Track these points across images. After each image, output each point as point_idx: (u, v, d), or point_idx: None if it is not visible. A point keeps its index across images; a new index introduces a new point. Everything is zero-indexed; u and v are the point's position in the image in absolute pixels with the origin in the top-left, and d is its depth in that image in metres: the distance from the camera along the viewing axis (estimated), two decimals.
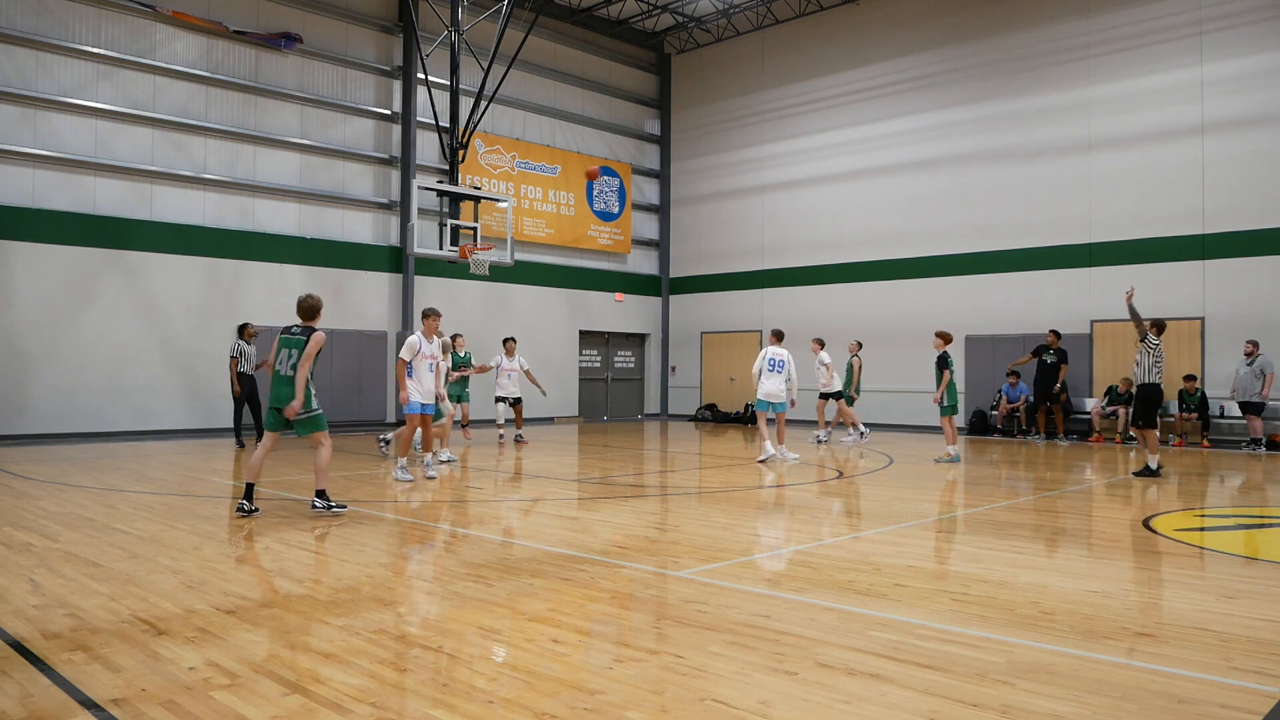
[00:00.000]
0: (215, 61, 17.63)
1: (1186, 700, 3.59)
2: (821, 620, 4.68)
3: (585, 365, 24.33)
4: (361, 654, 4.09)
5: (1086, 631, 4.51)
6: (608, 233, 24.42)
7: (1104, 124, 18.00)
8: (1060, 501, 9.33)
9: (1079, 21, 18.42)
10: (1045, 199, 18.75)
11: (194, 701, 3.48)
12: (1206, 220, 16.78)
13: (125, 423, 16.36)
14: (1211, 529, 8.06)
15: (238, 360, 14.56)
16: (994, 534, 7.41)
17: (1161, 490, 10.15)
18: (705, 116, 25.12)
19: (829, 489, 10.47)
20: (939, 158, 20.32)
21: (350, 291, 19.41)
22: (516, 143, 22.35)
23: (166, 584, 5.41)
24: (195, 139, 17.37)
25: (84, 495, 9.17)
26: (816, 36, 22.65)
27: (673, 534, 7.24)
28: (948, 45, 20.32)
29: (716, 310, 24.68)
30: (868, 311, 21.20)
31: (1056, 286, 18.56)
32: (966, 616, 4.77)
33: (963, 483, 11.17)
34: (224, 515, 8.26)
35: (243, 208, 18.00)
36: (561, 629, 4.53)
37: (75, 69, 16.01)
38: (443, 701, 3.51)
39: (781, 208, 23.30)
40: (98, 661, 3.95)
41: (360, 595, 5.18)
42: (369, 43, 20.00)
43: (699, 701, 3.53)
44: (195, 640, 4.27)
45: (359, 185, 19.79)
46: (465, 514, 8.39)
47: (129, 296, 16.46)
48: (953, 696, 3.58)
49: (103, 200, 16.25)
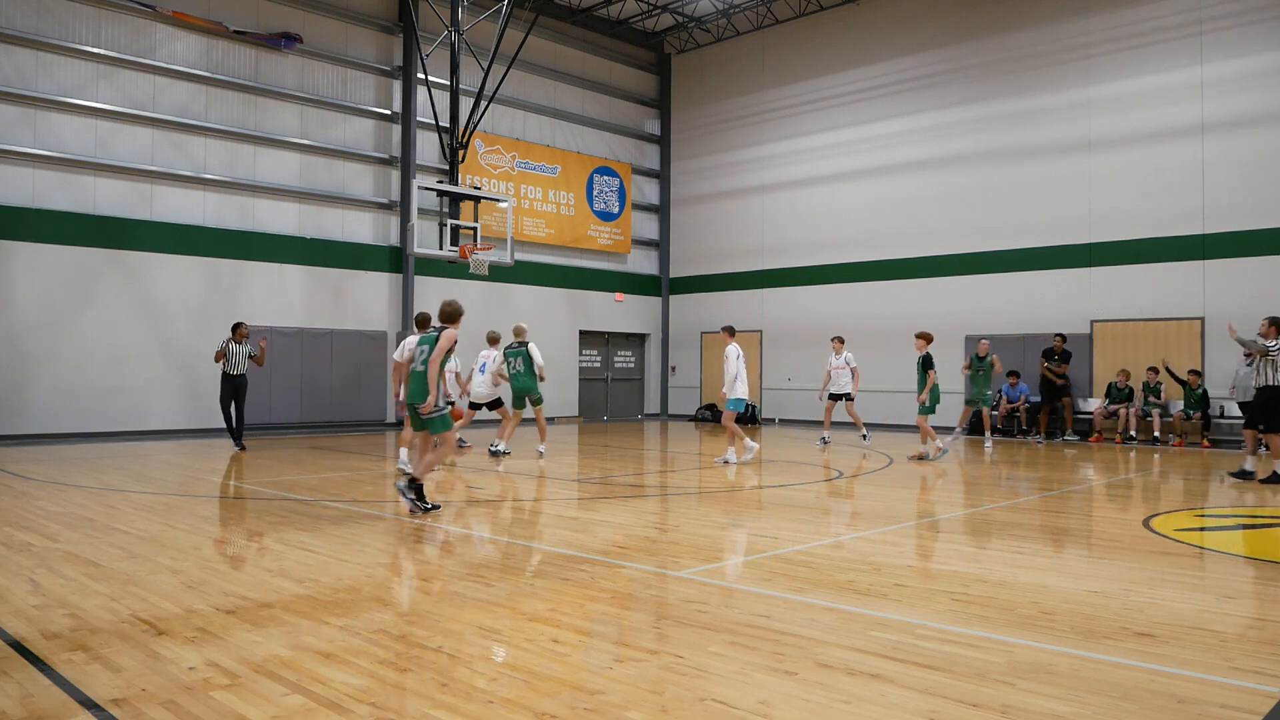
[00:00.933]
0: (215, 61, 17.63)
1: (1186, 700, 3.58)
2: (821, 620, 4.68)
3: (585, 365, 24.32)
4: (362, 654, 4.09)
5: (1086, 631, 4.51)
6: (608, 233, 24.42)
7: (1104, 124, 17.99)
8: (1060, 501, 9.33)
9: (1079, 21, 18.41)
10: (1045, 199, 18.74)
11: (194, 701, 3.49)
12: (1206, 220, 16.77)
13: (125, 423, 16.36)
14: (1212, 529, 8.06)
15: (224, 354, 14.02)
16: (994, 534, 7.40)
17: (1164, 490, 10.15)
18: (705, 116, 25.12)
19: (829, 489, 10.47)
20: (939, 158, 20.32)
21: (350, 292, 19.41)
22: (516, 143, 22.35)
23: (166, 584, 5.41)
24: (195, 139, 17.37)
25: (84, 495, 9.17)
26: (816, 36, 22.65)
27: (673, 534, 7.24)
28: (948, 45, 20.32)
29: (716, 310, 24.67)
30: (867, 311, 21.20)
31: (1056, 286, 18.56)
32: (966, 616, 4.77)
33: (962, 483, 11.17)
34: (224, 515, 8.27)
35: (243, 208, 17.99)
36: (561, 629, 4.53)
37: (75, 69, 16.01)
38: (443, 701, 3.51)
39: (781, 208, 23.30)
40: (98, 661, 3.95)
41: (360, 595, 5.18)
42: (369, 43, 20.00)
43: (699, 701, 3.53)
44: (195, 640, 4.27)
45: (359, 185, 19.79)
46: (465, 514, 8.38)
47: (129, 296, 16.46)
48: (953, 696, 3.58)
49: (103, 200, 16.25)
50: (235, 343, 14.13)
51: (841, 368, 16.05)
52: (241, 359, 14.13)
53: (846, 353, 16.06)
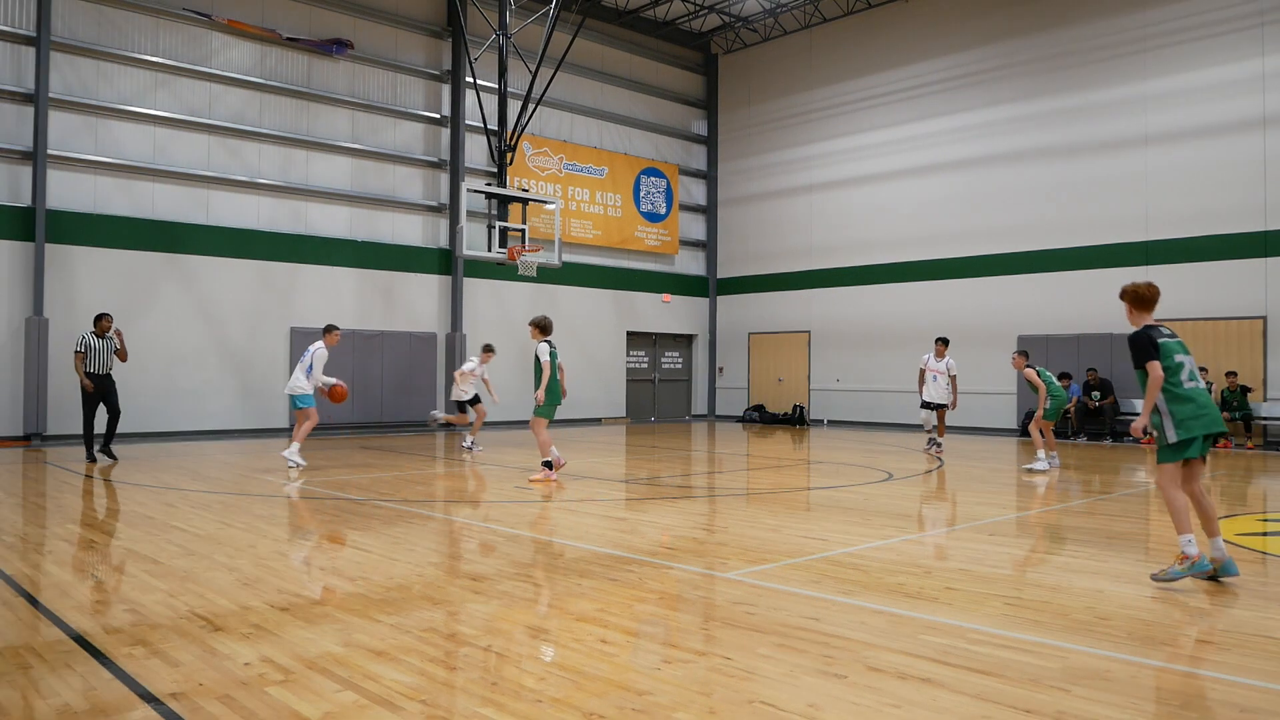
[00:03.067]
0: (269, 68, 18.00)
1: (1249, 709, 3.48)
2: (871, 623, 4.63)
3: (632, 366, 24.35)
4: (412, 652, 4.14)
5: (1144, 637, 4.40)
6: (655, 234, 24.42)
7: (1161, 119, 17.55)
8: (1114, 505, 9.12)
9: (1134, 14, 17.98)
10: (1099, 196, 18.34)
11: (249, 696, 3.56)
12: (1269, 216, 16.27)
13: (182, 422, 16.76)
14: (1274, 534, 7.82)
15: (83, 356, 12.22)
16: (1048, 537, 7.26)
17: (1225, 494, 9.87)
18: (752, 116, 25.01)
19: (879, 491, 10.35)
20: (989, 155, 19.98)
21: (400, 293, 19.67)
22: (564, 144, 22.46)
23: (223, 581, 5.53)
24: (250, 144, 17.75)
25: (143, 494, 9.41)
26: (864, 34, 22.43)
27: (720, 535, 7.22)
28: (997, 41, 19.98)
29: (764, 311, 24.56)
30: (915, 310, 20.92)
31: (1111, 286, 18.11)
32: (1019, 621, 4.69)
33: (1017, 486, 10.97)
34: (278, 514, 8.42)
35: (295, 211, 18.34)
36: (609, 629, 4.54)
37: (134, 77, 16.45)
38: (492, 700, 3.54)
39: (829, 207, 23.10)
40: (156, 656, 4.05)
41: (410, 594, 5.25)
42: (418, 47, 20.25)
43: (747, 703, 3.51)
44: (250, 636, 4.36)
45: (409, 188, 20.05)
46: (513, 514, 8.45)
47: (186, 299, 16.86)
48: (1005, 702, 3.52)
49: (161, 205, 16.68)
50: (97, 336, 12.34)
51: (941, 372, 13.96)
52: (103, 354, 12.35)
53: (949, 358, 14.03)
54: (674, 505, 9.01)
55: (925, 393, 14.08)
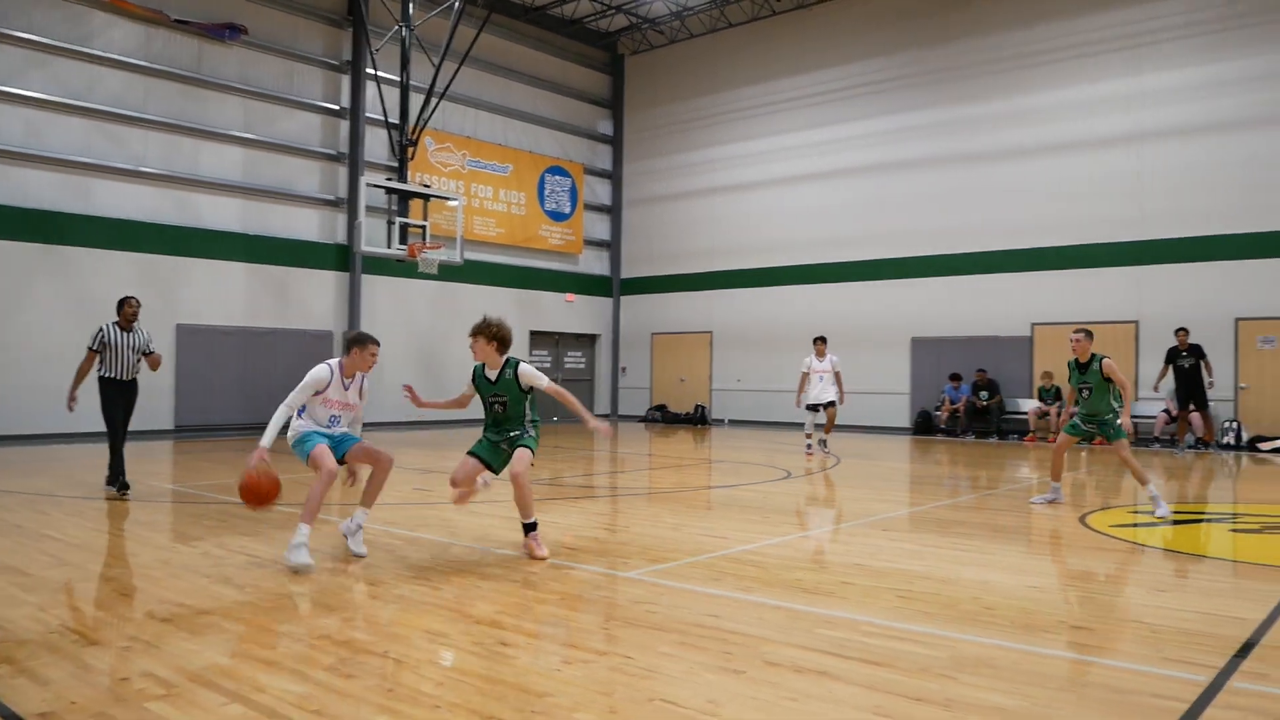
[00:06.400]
0: (155, 51, 17.17)
1: (1121, 690, 3.67)
2: (769, 619, 4.70)
3: (536, 365, 24.09)
4: (304, 660, 4.01)
5: (1026, 626, 4.59)
6: (559, 233, 24.32)
7: (1040, 132, 18.47)
8: (1000, 500, 9.51)
9: (1015, 32, 18.85)
10: (989, 204, 19.14)
11: (127, 713, 3.38)
12: (1144, 226, 17.27)
13: (54, 425, 15.79)
14: (1144, 525, 8.28)
15: (99, 356, 9.90)
16: (937, 532, 7.52)
17: (1098, 487, 10.39)
18: (658, 118, 25.16)
19: (777, 489, 10.54)
20: (886, 162, 20.61)
21: (295, 290, 19.06)
22: (468, 141, 22.16)
23: (99, 592, 5.25)
24: (133, 130, 16.90)
25: (12, 500, 8.87)
26: (768, 41, 22.82)
27: (622, 534, 7.23)
28: (894, 53, 20.62)
29: (667, 311, 24.74)
30: (815, 312, 21.35)
31: (1001, 290, 18.96)
32: (910, 613, 4.84)
33: (910, 482, 11.32)
34: (160, 519, 8.06)
35: (183, 202, 17.55)
36: (509, 631, 4.49)
37: (5, 56, 15.47)
38: (388, 707, 3.46)
39: (732, 210, 23.43)
40: (24, 675, 3.81)
41: (304, 601, 5.08)
42: (317, 35, 19.65)
43: (648, 702, 3.52)
44: (129, 650, 4.14)
45: (305, 181, 19.44)
46: (412, 516, 8.28)
47: (63, 293, 15.94)
48: (897, 691, 3.63)
49: (35, 192, 15.73)
50: (122, 329, 9.93)
51: (826, 371, 13.80)
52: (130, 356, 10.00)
53: (831, 355, 13.93)
54: (576, 505, 8.98)
55: (812, 393, 13.79)
